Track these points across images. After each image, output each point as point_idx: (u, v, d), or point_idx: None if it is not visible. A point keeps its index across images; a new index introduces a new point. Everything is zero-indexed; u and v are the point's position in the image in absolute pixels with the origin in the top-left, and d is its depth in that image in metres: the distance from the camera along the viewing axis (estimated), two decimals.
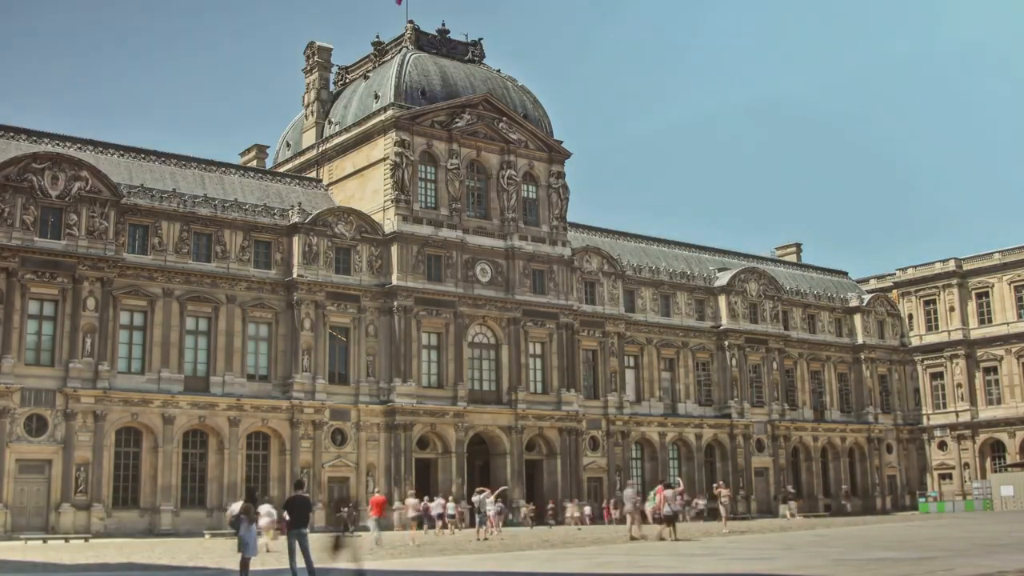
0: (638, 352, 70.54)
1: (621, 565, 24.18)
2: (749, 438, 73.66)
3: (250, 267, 55.32)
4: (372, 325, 57.89)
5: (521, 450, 61.52)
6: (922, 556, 23.52)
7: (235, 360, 54.03)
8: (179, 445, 51.84)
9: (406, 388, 57.44)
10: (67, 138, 55.11)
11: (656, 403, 70.50)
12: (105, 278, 50.05)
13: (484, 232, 62.47)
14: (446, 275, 60.15)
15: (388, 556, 30.34)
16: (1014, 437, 79.44)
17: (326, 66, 69.68)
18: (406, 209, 59.50)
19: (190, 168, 58.71)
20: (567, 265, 65.38)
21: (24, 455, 47.37)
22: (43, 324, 49.06)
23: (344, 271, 57.72)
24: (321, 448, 55.10)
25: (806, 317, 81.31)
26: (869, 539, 32.55)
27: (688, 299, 73.82)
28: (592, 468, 64.99)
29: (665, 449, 70.13)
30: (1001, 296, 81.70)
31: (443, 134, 61.91)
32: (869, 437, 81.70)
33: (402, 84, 62.74)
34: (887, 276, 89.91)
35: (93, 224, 50.20)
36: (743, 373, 74.55)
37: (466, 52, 69.15)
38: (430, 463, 59.60)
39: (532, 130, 65.60)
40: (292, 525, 19.95)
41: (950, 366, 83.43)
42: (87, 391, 48.68)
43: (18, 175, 48.88)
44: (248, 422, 53.66)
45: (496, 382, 61.75)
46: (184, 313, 52.97)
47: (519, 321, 62.19)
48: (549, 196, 65.60)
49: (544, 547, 33.22)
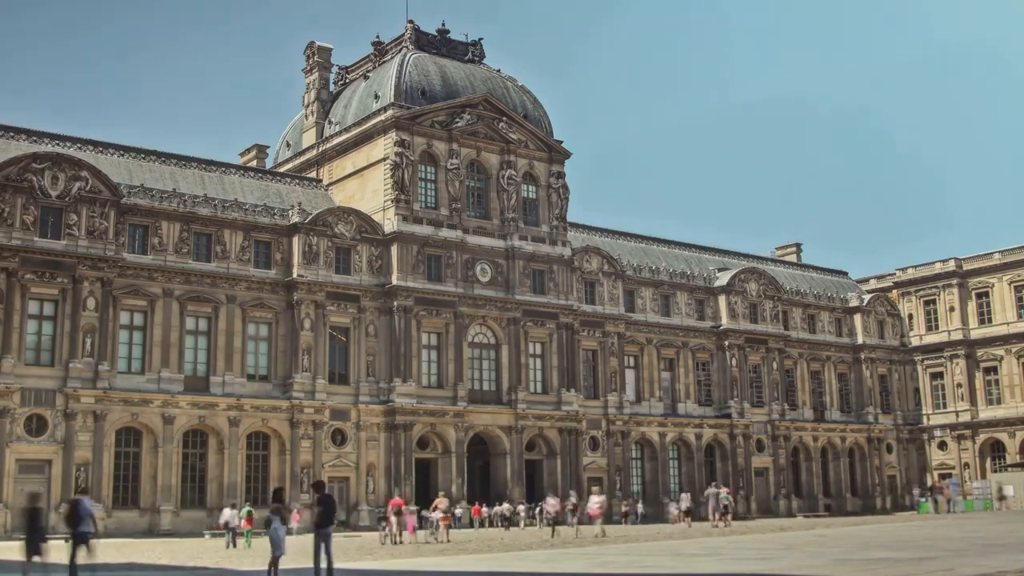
0: (638, 352, 70.54)
1: (621, 565, 24.18)
2: (749, 438, 73.66)
3: (250, 267, 55.32)
4: (372, 325, 57.89)
5: (521, 450, 61.53)
6: (922, 556, 23.52)
7: (235, 360, 54.03)
8: (179, 445, 51.85)
9: (406, 388, 57.44)
10: (67, 138, 55.11)
11: (656, 403, 70.50)
12: (105, 278, 50.05)
13: (484, 232, 62.47)
14: (446, 275, 60.15)
15: (388, 556, 30.35)
16: (1014, 437, 79.44)
17: (326, 66, 69.70)
18: (406, 209, 59.49)
19: (190, 168, 58.71)
20: (567, 265, 65.38)
21: (24, 455, 47.38)
22: (43, 324, 49.07)
23: (344, 271, 57.72)
24: (321, 448, 55.09)
25: (806, 317, 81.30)
26: (869, 539, 32.54)
27: (688, 299, 73.82)
28: (592, 468, 64.96)
29: (665, 449, 70.12)
30: (1001, 296, 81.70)
31: (443, 134, 61.91)
32: (869, 437, 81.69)
33: (402, 84, 62.74)
34: (887, 276, 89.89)
35: (93, 224, 50.20)
36: (743, 373, 74.54)
37: (466, 52, 69.16)
38: (430, 463, 59.60)
39: (532, 130, 65.60)
40: (318, 525, 20.20)
41: (950, 366, 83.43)
42: (87, 391, 48.68)
43: (18, 175, 48.89)
44: (248, 422, 53.67)
45: (496, 382, 61.75)
46: (184, 313, 52.98)
47: (519, 321, 62.20)
48: (549, 196, 65.60)
49: (544, 547, 33.21)
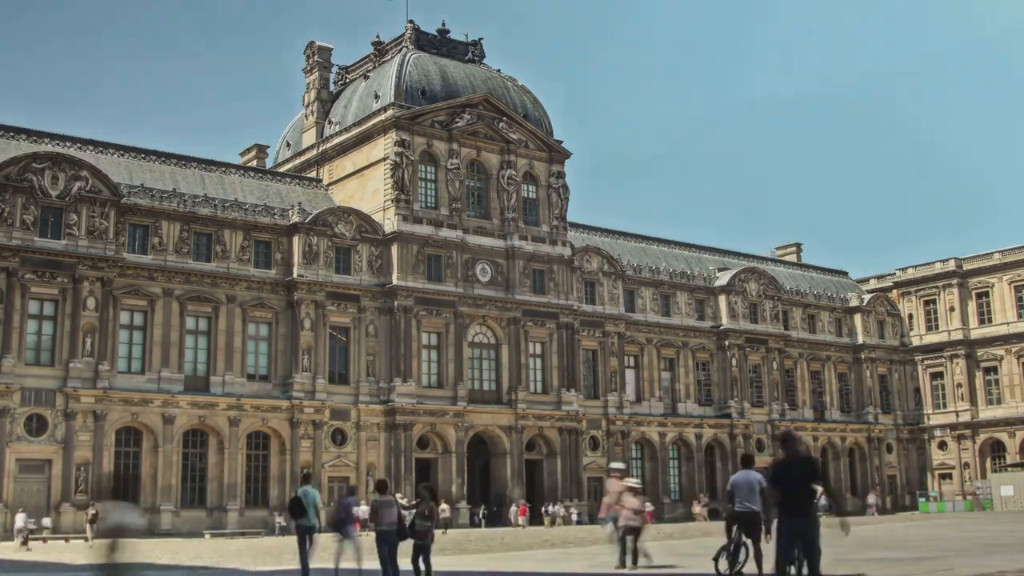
0: (638, 352, 70.54)
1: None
2: (749, 438, 73.64)
3: (250, 267, 55.33)
4: (372, 325, 57.89)
5: (521, 450, 61.52)
6: (923, 556, 23.52)
7: (235, 360, 54.03)
8: (179, 445, 51.85)
9: (406, 388, 57.44)
10: (67, 138, 55.09)
11: (656, 403, 70.50)
12: (105, 278, 50.05)
13: (484, 232, 62.46)
14: (446, 275, 60.14)
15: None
16: (1014, 437, 79.42)
17: (326, 66, 69.67)
18: (406, 209, 59.49)
19: (190, 168, 58.71)
20: (567, 265, 65.37)
21: (24, 455, 47.39)
22: (43, 324, 49.07)
23: (344, 271, 57.72)
24: (321, 448, 55.10)
25: (806, 317, 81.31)
26: (869, 539, 32.52)
27: (688, 299, 73.82)
28: (592, 468, 64.95)
29: (665, 449, 70.13)
30: (1001, 296, 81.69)
31: (443, 134, 61.90)
32: (869, 437, 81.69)
33: (402, 84, 62.73)
34: (887, 276, 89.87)
35: (93, 224, 50.20)
36: (743, 373, 74.55)
37: (466, 52, 69.14)
38: (430, 463, 59.58)
39: (532, 130, 65.59)
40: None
41: (950, 366, 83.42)
42: (87, 391, 48.69)
43: (18, 175, 48.89)
44: (248, 422, 53.66)
45: (496, 382, 61.74)
46: (184, 313, 52.98)
47: (519, 321, 62.19)
48: (549, 196, 65.59)
49: (544, 547, 33.21)
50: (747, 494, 17.09)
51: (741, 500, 17.13)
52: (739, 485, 17.21)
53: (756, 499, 17.02)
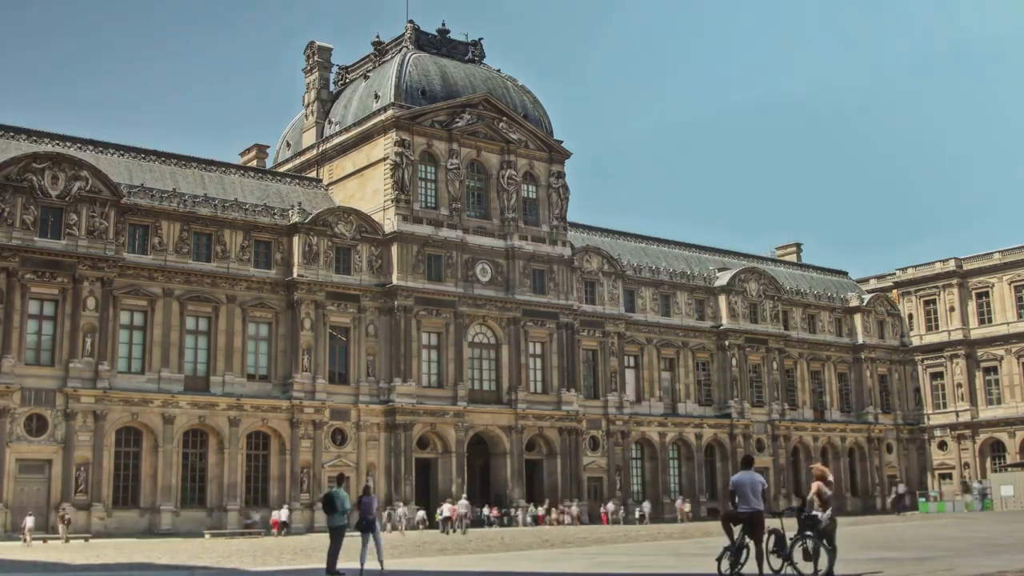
0: (638, 352, 70.54)
1: (621, 565, 24.16)
2: (749, 438, 73.65)
3: (250, 267, 55.32)
4: (372, 325, 57.89)
5: (521, 450, 61.53)
6: (923, 556, 23.51)
7: (235, 360, 54.03)
8: (179, 445, 51.85)
9: (406, 388, 57.44)
10: (67, 138, 55.10)
11: (656, 403, 70.50)
12: (105, 278, 50.04)
13: (484, 232, 62.46)
14: (446, 275, 60.15)
15: (388, 556, 30.26)
16: (1014, 437, 79.45)
17: (326, 66, 69.68)
18: (406, 209, 59.49)
19: (190, 168, 58.71)
20: (567, 265, 65.38)
21: (24, 455, 47.38)
22: (43, 324, 49.08)
23: (344, 271, 57.73)
24: (321, 448, 55.09)
25: (806, 317, 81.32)
26: (869, 539, 32.51)
27: (688, 299, 73.82)
28: (592, 468, 64.98)
29: (665, 449, 70.14)
30: (1001, 296, 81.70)
31: (443, 134, 61.90)
32: (869, 437, 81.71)
33: (402, 84, 62.73)
34: (887, 276, 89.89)
35: (93, 224, 50.19)
36: (743, 373, 74.55)
37: (466, 52, 69.15)
38: (430, 463, 59.60)
39: (532, 130, 65.59)
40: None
41: (950, 366, 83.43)
42: (87, 391, 48.68)
43: (18, 175, 48.89)
44: (248, 422, 53.66)
45: (496, 382, 61.75)
46: (184, 313, 52.98)
47: (519, 321, 62.19)
48: (549, 196, 65.59)
49: (544, 547, 33.19)
50: (748, 494, 17.10)
51: (743, 500, 17.14)
52: (740, 485, 17.22)
53: (758, 499, 17.04)
